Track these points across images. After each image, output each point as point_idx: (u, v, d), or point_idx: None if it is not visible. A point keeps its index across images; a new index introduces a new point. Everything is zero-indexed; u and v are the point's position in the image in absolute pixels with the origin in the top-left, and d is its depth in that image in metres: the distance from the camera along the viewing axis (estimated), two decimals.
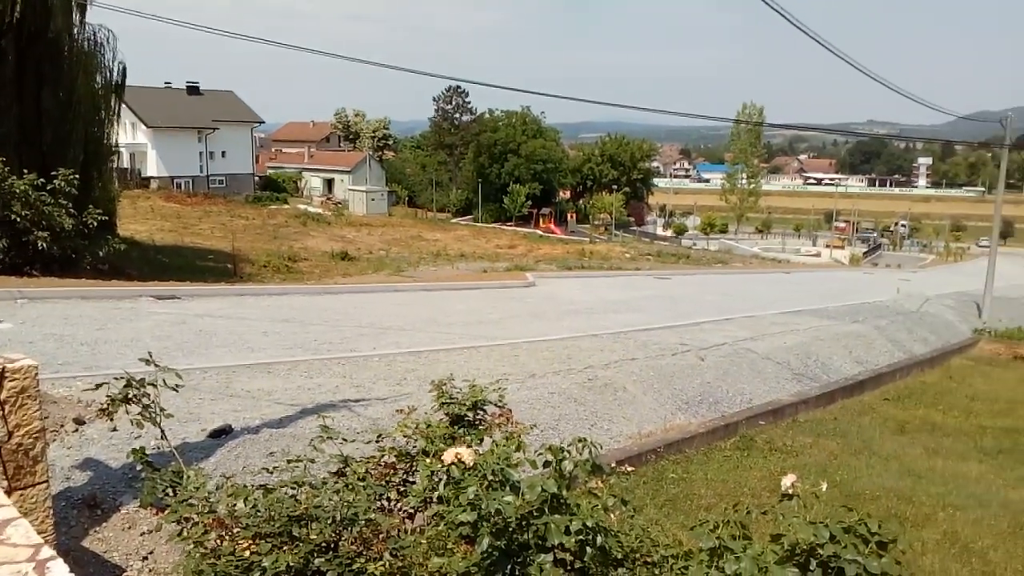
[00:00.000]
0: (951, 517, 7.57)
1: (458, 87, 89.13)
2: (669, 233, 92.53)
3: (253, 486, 4.18)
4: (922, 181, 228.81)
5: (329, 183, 78.80)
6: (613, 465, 3.92)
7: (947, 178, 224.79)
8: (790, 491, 3.17)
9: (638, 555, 3.63)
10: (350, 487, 4.43)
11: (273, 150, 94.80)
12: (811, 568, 2.61)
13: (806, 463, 9.03)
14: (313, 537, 3.79)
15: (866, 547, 2.70)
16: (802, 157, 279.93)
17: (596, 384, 10.15)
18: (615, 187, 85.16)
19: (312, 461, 4.41)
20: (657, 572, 3.42)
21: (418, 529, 4.64)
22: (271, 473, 4.39)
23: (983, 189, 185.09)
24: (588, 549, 3.07)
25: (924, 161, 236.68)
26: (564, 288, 23.01)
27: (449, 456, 3.68)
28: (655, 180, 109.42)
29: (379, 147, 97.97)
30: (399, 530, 4.58)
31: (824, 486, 3.25)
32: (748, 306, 20.20)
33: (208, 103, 63.69)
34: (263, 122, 72.35)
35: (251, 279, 22.19)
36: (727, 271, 37.65)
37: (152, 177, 56.63)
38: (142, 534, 5.11)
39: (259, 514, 3.94)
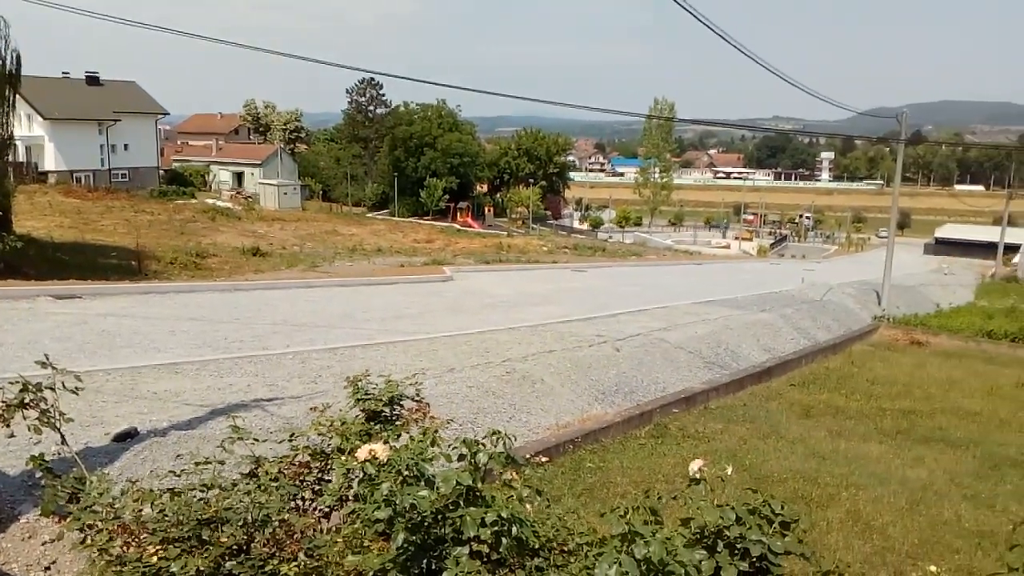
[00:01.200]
0: (853, 496, 7.92)
1: (372, 79, 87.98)
2: (586, 226, 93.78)
3: (160, 490, 4.05)
4: (825, 175, 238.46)
5: (239, 177, 76.67)
6: (528, 457, 3.95)
7: (848, 172, 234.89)
8: (697, 476, 3.27)
9: (554, 544, 3.67)
10: (263, 488, 4.33)
11: (179, 143, 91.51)
12: (719, 549, 2.69)
13: (717, 448, 9.30)
14: (224, 540, 3.70)
15: (770, 527, 2.81)
16: (712, 152, 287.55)
17: (514, 377, 10.20)
18: (532, 181, 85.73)
19: (222, 463, 4.30)
20: (573, 560, 3.46)
21: (334, 528, 4.58)
22: (179, 476, 4.26)
23: (882, 182, 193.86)
24: (504, 540, 3.09)
25: (827, 156, 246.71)
26: (482, 282, 23.04)
27: (363, 453, 3.64)
28: (571, 174, 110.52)
29: (291, 140, 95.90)
30: (314, 529, 4.51)
31: (730, 470, 3.36)
32: (662, 297, 20.66)
33: (109, 94, 60.95)
34: (167, 113, 69.69)
35: (157, 277, 21.39)
36: (642, 263, 38.39)
37: (50, 171, 53.88)
38: (44, 544, 4.88)
39: (167, 518, 3.81)
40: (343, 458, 4.50)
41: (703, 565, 2.63)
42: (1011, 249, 61.05)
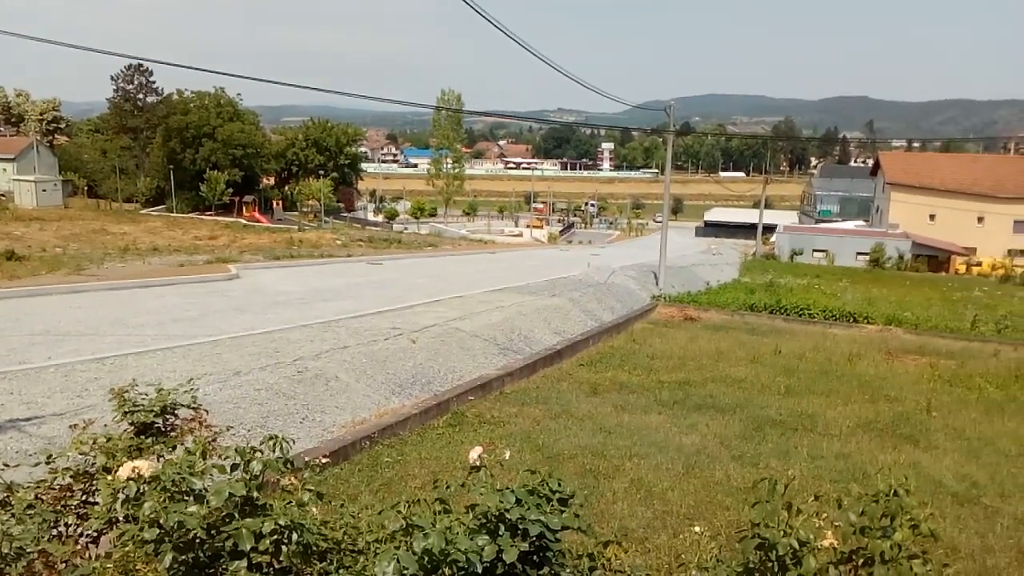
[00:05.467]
0: (637, 466, 8.42)
1: (140, 65, 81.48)
2: (380, 218, 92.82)
3: None
4: (606, 164, 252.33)
5: None
6: (308, 460, 3.81)
7: (627, 161, 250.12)
8: (477, 463, 3.30)
9: (343, 545, 3.57)
10: (16, 518, 3.90)
11: None
12: (500, 533, 2.73)
13: (512, 432, 9.53)
14: None
15: (549, 505, 2.89)
16: (502, 143, 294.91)
17: (306, 376, 9.89)
18: (322, 173, 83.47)
19: None
20: (363, 559, 3.38)
21: (103, 553, 4.21)
22: None
23: (657, 171, 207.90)
24: (284, 548, 2.95)
25: (607, 146, 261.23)
26: (272, 279, 22.16)
27: (126, 471, 3.36)
28: (363, 165, 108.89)
29: (49, 131, 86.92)
30: (81, 556, 4.14)
31: (507, 454, 3.43)
32: (457, 287, 20.91)
33: None
34: None
35: None
36: (437, 254, 38.64)
37: None
38: None
39: None
40: (109, 478, 4.15)
41: (485, 550, 2.65)
42: (769, 230, 67.85)
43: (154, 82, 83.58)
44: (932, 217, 63.29)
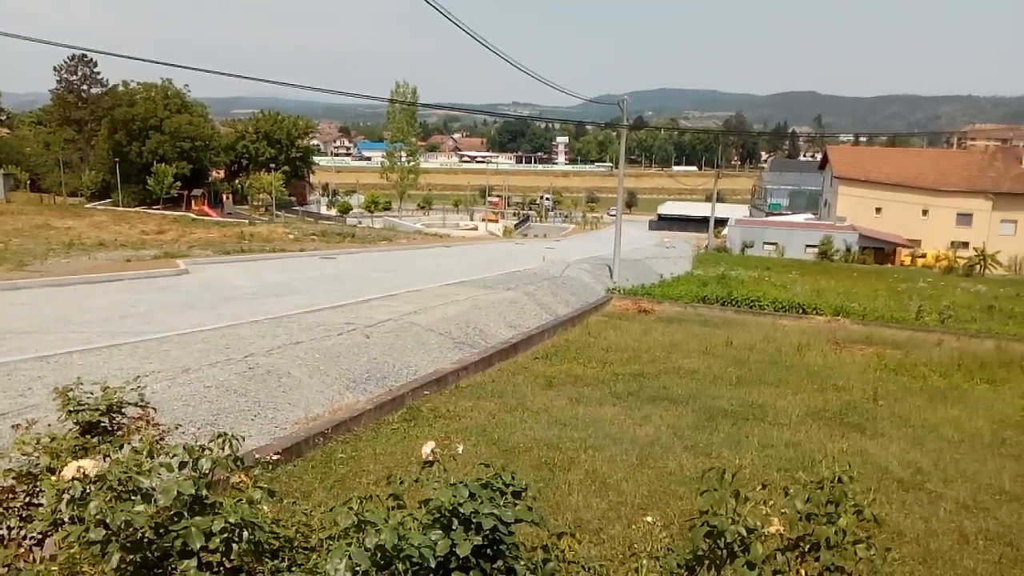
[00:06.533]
0: (592, 458, 8.48)
1: (84, 55, 79.38)
2: (334, 212, 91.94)
3: None
4: (561, 158, 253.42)
5: None
6: (257, 457, 3.77)
7: (581, 155, 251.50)
8: (430, 458, 3.30)
9: (296, 543, 3.54)
10: None
11: None
12: (454, 527, 2.73)
13: (468, 425, 9.53)
14: None
15: (502, 499, 2.90)
16: (456, 136, 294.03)
17: (258, 372, 9.75)
18: (273, 166, 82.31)
19: None
20: (315, 557, 3.35)
21: (48, 556, 4.12)
22: None
23: (611, 164, 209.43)
24: (235, 546, 2.91)
25: (562, 140, 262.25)
26: (222, 274, 21.79)
27: (71, 471, 3.28)
28: (316, 158, 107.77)
29: None
30: (24, 560, 4.05)
31: (460, 448, 3.43)
32: (412, 281, 20.81)
33: None
34: None
35: None
36: (392, 248, 38.38)
37: None
38: None
39: None
40: (53, 478, 4.06)
41: (438, 545, 2.65)
42: (721, 223, 68.89)
43: (99, 73, 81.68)
44: (878, 210, 64.85)
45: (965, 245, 58.94)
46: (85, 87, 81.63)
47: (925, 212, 63.90)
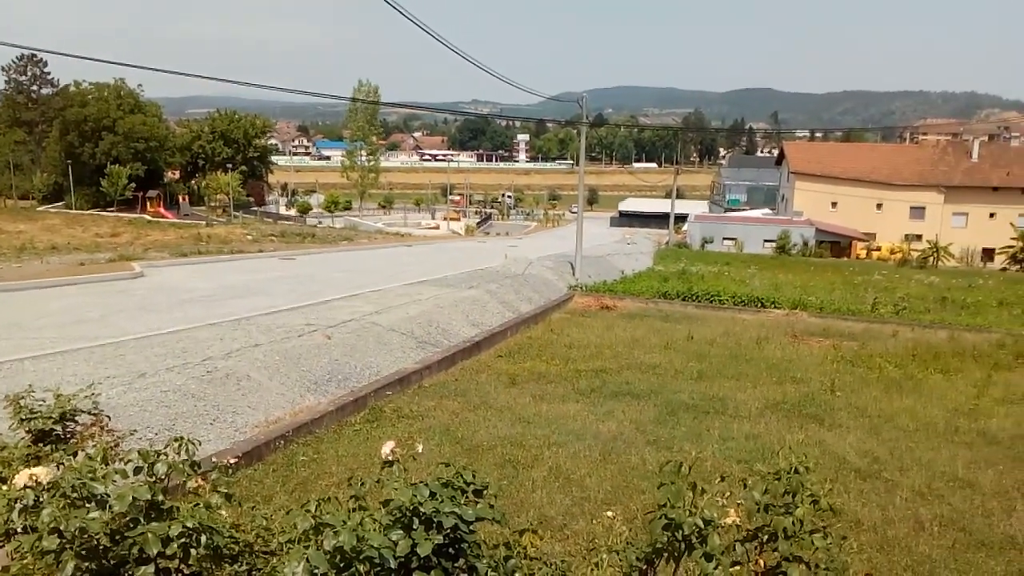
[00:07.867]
0: (555, 454, 8.52)
1: (33, 55, 77.58)
2: (293, 212, 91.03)
3: None
4: (522, 156, 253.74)
5: None
6: (216, 460, 3.72)
7: (542, 153, 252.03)
8: (390, 457, 3.29)
9: (255, 547, 3.50)
10: None
11: None
12: (415, 527, 2.73)
13: (431, 425, 9.51)
14: None
15: (463, 497, 2.91)
16: (417, 134, 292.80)
17: (216, 376, 9.61)
18: (231, 166, 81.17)
19: None
20: (275, 560, 3.32)
21: (1, 567, 4.03)
22: None
23: (572, 162, 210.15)
24: (193, 551, 2.88)
25: (523, 138, 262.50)
26: (179, 276, 21.47)
27: (22, 478, 3.22)
28: (274, 158, 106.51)
29: None
30: None
31: (420, 447, 3.43)
32: (374, 281, 20.69)
33: None
34: None
35: None
36: (353, 248, 38.13)
37: None
38: None
39: None
40: (4, 488, 3.97)
41: (399, 545, 2.65)
42: (681, 219, 69.56)
43: (49, 73, 79.87)
44: (834, 204, 66.03)
45: (919, 238, 60.33)
46: (35, 87, 79.84)
47: (879, 206, 65.24)
